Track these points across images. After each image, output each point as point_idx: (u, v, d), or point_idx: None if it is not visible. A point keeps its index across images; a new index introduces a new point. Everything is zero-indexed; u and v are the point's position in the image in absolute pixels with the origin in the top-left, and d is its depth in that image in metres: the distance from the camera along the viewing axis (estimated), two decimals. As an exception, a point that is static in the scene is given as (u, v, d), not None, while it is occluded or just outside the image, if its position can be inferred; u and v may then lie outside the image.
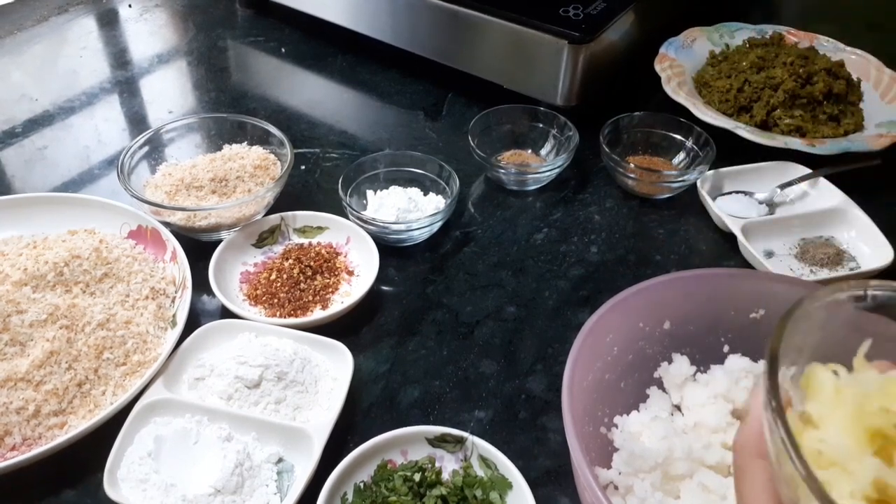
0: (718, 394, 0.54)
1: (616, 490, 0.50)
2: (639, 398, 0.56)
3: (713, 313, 0.56)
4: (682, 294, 0.55)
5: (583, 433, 0.49)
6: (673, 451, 0.49)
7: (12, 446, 0.55)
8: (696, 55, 0.98)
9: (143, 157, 0.77)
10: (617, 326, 0.53)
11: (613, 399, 0.54)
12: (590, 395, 0.51)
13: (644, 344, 0.56)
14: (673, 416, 0.55)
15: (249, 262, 0.73)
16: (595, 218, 0.80)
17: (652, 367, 0.57)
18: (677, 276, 0.56)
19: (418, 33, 0.95)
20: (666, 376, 0.57)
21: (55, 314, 0.60)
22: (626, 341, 0.54)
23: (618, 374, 0.55)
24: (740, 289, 0.56)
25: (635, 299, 0.53)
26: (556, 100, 0.87)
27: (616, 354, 0.54)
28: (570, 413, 0.45)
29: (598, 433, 0.53)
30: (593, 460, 0.51)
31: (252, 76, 1.03)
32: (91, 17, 1.13)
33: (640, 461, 0.49)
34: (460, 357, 0.66)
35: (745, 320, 0.56)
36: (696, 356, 0.57)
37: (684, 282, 0.55)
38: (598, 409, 0.53)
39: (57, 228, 0.71)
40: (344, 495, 0.53)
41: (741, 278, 0.57)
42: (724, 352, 0.57)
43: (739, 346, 0.57)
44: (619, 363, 0.54)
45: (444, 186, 0.78)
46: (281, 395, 0.59)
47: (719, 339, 0.57)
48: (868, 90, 0.92)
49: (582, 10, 0.85)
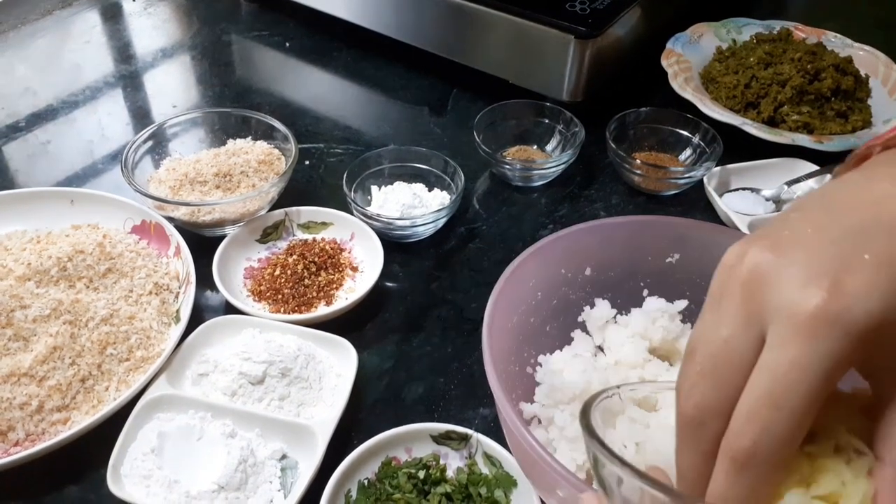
0: (636, 333, 0.57)
1: (539, 424, 0.54)
2: (564, 341, 0.59)
3: (632, 259, 0.59)
4: (601, 241, 0.59)
5: (508, 372, 0.53)
6: (591, 383, 0.53)
7: (15, 442, 0.55)
8: (703, 51, 0.98)
9: (146, 152, 0.77)
10: (539, 272, 0.56)
11: (539, 341, 0.58)
12: (515, 337, 0.55)
13: (567, 290, 0.59)
14: (596, 356, 0.58)
15: (253, 257, 0.73)
16: (601, 214, 0.80)
17: (576, 312, 0.60)
18: (595, 223, 0.59)
19: (423, 28, 0.94)
20: (589, 320, 0.60)
21: (58, 309, 0.60)
22: (550, 287, 0.58)
23: (542, 318, 0.58)
24: (656, 235, 0.59)
25: (555, 245, 0.56)
26: (562, 95, 0.86)
27: (540, 299, 0.57)
28: (490, 350, 0.48)
29: (525, 373, 0.56)
30: (519, 397, 0.54)
31: (256, 71, 1.03)
32: (95, 11, 1.13)
33: (559, 393, 0.52)
34: (465, 354, 0.65)
35: (662, 265, 0.59)
36: (617, 301, 0.60)
37: (602, 229, 0.58)
38: (524, 350, 0.56)
39: (60, 223, 0.71)
40: (348, 492, 0.53)
41: (656, 225, 0.60)
42: (643, 296, 0.60)
43: (656, 289, 0.60)
44: (543, 308, 0.57)
45: (449, 182, 0.77)
46: (285, 391, 0.59)
47: (639, 283, 0.60)
48: (876, 86, 0.91)
49: (588, 4, 0.84)
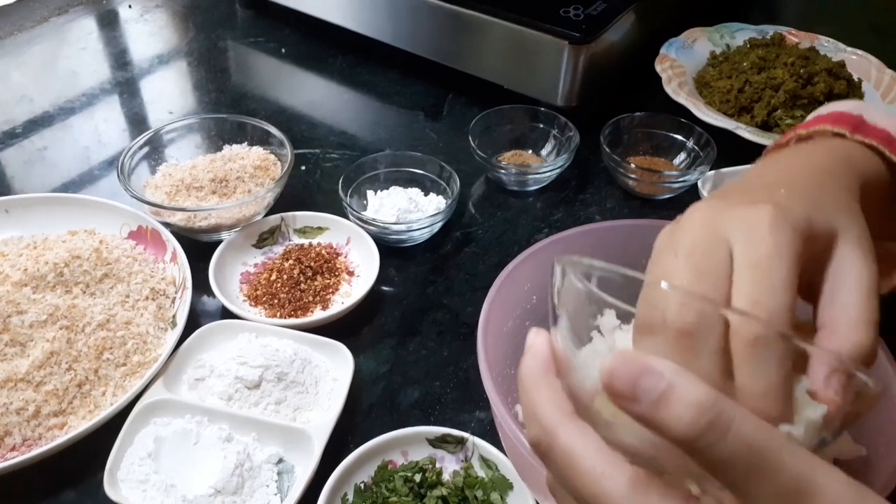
0: None
1: None
2: None
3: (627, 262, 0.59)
4: (595, 244, 0.58)
5: (504, 375, 0.53)
6: None
7: (12, 447, 0.55)
8: (697, 55, 0.98)
9: (143, 158, 0.77)
10: (534, 276, 0.56)
11: None
12: (510, 341, 0.54)
13: None
14: None
15: (250, 262, 0.73)
16: (596, 218, 0.80)
17: None
18: (590, 227, 0.59)
19: (419, 34, 0.94)
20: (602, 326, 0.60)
21: (55, 315, 0.60)
22: (545, 291, 0.58)
23: (537, 322, 0.59)
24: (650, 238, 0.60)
25: (550, 249, 0.56)
26: (557, 100, 0.87)
27: (535, 303, 0.56)
28: (485, 354, 0.48)
29: None
30: (514, 400, 0.54)
31: (252, 77, 1.03)
32: (91, 17, 1.13)
33: None
34: (461, 357, 0.65)
35: None
36: None
37: (597, 232, 0.58)
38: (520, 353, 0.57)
39: (57, 229, 0.71)
40: (344, 496, 0.53)
41: (651, 229, 0.60)
42: None
43: None
44: (538, 311, 0.57)
45: (445, 187, 0.78)
46: (281, 395, 0.59)
47: None
48: (869, 90, 0.92)
49: (582, 10, 0.85)
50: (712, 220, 0.33)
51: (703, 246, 0.33)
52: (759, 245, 0.31)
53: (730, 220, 0.33)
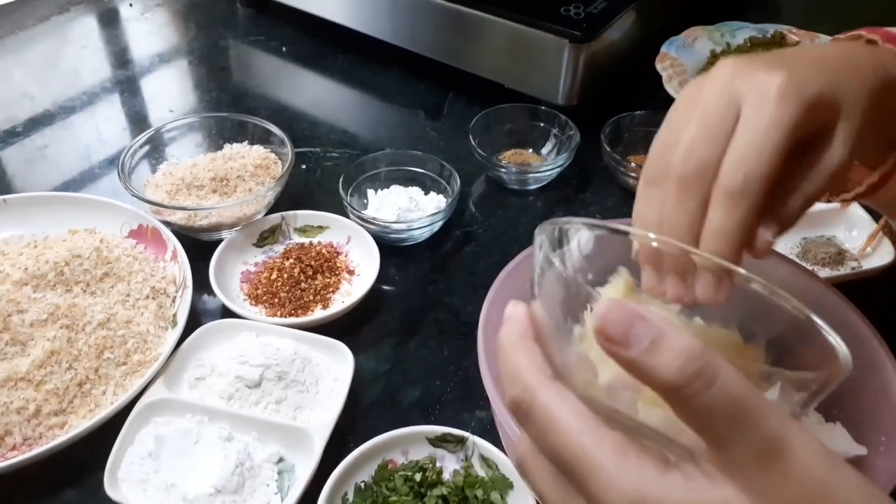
0: None
1: None
2: None
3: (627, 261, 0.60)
4: None
5: None
6: None
7: (13, 446, 0.55)
8: (698, 54, 0.98)
9: (143, 157, 0.77)
10: None
11: None
12: None
13: None
14: None
15: (250, 261, 0.73)
16: (596, 217, 0.80)
17: None
18: None
19: (419, 32, 0.94)
20: None
21: (56, 314, 0.60)
22: None
23: None
24: None
25: None
26: (558, 99, 0.87)
27: None
28: (485, 353, 0.48)
29: None
30: None
31: (253, 75, 1.03)
32: (92, 16, 1.13)
33: None
34: (461, 357, 0.66)
35: None
36: None
37: None
38: None
39: (57, 228, 0.71)
40: (345, 495, 0.53)
41: None
42: None
43: None
44: None
45: (445, 186, 0.78)
46: (281, 394, 0.59)
47: None
48: (870, 89, 0.92)
49: (583, 9, 0.85)
50: (732, 79, 0.37)
51: (716, 102, 0.36)
52: (763, 109, 0.35)
53: (746, 82, 0.36)
